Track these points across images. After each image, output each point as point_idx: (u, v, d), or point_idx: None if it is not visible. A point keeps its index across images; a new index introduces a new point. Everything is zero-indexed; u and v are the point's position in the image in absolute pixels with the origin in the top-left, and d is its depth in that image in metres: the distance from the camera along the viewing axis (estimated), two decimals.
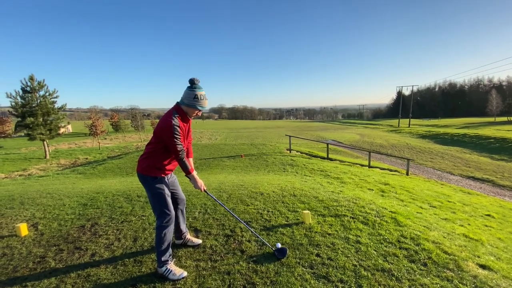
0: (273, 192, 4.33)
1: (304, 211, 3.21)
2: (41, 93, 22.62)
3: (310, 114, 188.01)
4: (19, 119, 22.60)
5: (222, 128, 60.02)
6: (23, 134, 26.55)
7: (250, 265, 2.28)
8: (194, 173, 2.26)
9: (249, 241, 2.68)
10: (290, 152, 12.79)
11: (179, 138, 2.05)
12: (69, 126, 45.67)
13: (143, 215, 3.38)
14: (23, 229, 3.05)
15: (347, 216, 3.30)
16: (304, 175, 7.46)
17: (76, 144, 30.93)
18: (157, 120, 66.67)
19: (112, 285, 2.05)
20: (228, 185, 4.99)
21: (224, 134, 40.34)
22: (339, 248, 2.53)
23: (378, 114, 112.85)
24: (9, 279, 2.20)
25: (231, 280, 2.09)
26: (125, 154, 16.13)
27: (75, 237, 2.87)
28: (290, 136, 14.11)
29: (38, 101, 22.17)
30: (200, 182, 2.29)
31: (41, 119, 22.10)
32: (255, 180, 5.67)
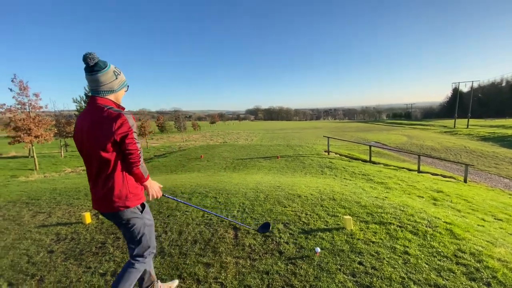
0: (311, 195, 4.24)
1: (345, 216, 3.08)
2: None
3: (350, 114, 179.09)
4: None
5: (258, 129, 60.68)
6: None
7: (288, 267, 2.27)
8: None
9: (287, 242, 2.67)
10: (328, 154, 12.37)
11: (139, 141, 1.57)
12: None
13: (186, 211, 3.59)
14: (87, 217, 3.48)
15: (393, 224, 3.07)
16: (344, 178, 7.14)
17: None
18: (198, 122, 70.11)
19: (161, 274, 2.23)
20: (265, 185, 5.04)
21: (260, 135, 40.72)
22: (384, 258, 2.37)
23: (429, 114, 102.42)
24: (76, 260, 2.54)
25: (270, 280, 2.11)
26: (169, 153, 17.32)
27: None
28: (328, 137, 13.66)
29: None
30: (158, 185, 1.80)
31: None
32: (292, 182, 5.62)
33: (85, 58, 1.47)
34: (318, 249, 2.46)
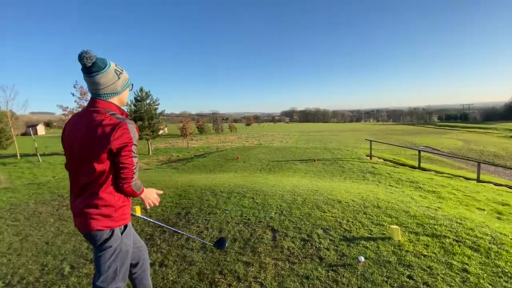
0: (353, 201, 4.04)
1: (393, 226, 2.87)
2: (147, 101, 27.83)
3: (395, 115, 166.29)
4: None
5: (293, 131, 59.96)
6: None
7: (329, 273, 2.19)
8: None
9: (327, 249, 2.58)
10: (370, 158, 11.66)
11: (137, 156, 1.40)
12: (166, 129, 54.49)
13: (226, 209, 3.71)
14: (138, 210, 3.79)
15: (448, 237, 2.77)
16: (389, 185, 6.66)
17: (170, 143, 36.56)
18: (234, 124, 72.06)
19: (203, 268, 2.33)
20: (302, 189, 4.95)
21: (295, 137, 40.17)
22: (438, 274, 2.15)
23: (491, 115, 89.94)
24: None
25: (310, 285, 2.06)
26: (208, 153, 18.07)
27: (174, 222, 3.40)
28: (370, 140, 12.89)
29: (145, 108, 27.35)
30: (154, 193, 1.73)
31: (146, 123, 27.18)
32: (331, 187, 5.43)
33: (81, 58, 1.27)
34: (362, 258, 2.33)
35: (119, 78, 1.40)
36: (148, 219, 2.44)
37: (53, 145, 30.87)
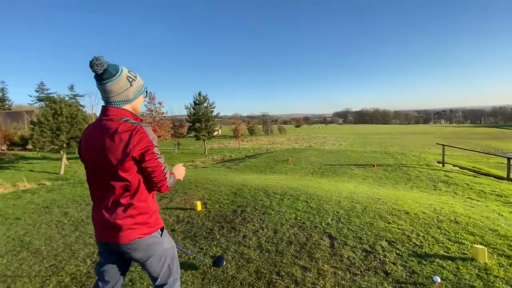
0: (423, 213, 3.58)
1: (477, 246, 2.44)
2: (205, 105, 29.93)
3: (474, 116, 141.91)
4: (191, 124, 30.97)
5: (347, 133, 56.65)
6: (192, 135, 35.96)
7: None
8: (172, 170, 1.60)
9: (394, 263, 2.34)
10: (443, 165, 10.20)
11: (161, 155, 1.37)
12: (220, 130, 57.72)
13: (279, 211, 3.71)
14: (199, 205, 4.10)
15: None
16: (469, 197, 5.71)
17: (223, 144, 38.57)
18: (283, 126, 72.09)
19: (260, 267, 2.37)
20: (361, 196, 4.62)
21: (350, 140, 37.85)
22: None
23: None
24: (192, 241, 3.02)
25: None
26: (258, 154, 18.43)
27: (230, 218, 3.56)
28: (443, 145, 11.28)
29: (203, 111, 29.47)
30: (180, 166, 1.64)
31: (203, 124, 29.25)
32: (395, 196, 4.93)
33: (92, 65, 1.24)
34: (438, 279, 2.04)
35: (131, 85, 1.34)
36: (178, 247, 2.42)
37: None
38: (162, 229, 1.44)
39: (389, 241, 2.77)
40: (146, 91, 1.49)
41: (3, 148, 28.12)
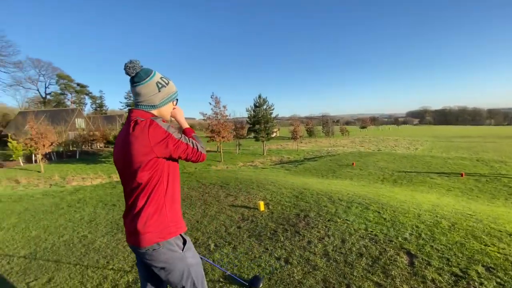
0: None
1: None
2: (264, 107, 30.61)
3: None
4: (251, 125, 32.10)
5: (424, 136, 49.51)
6: (251, 136, 37.19)
7: None
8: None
9: None
10: None
11: (182, 135, 1.34)
12: (278, 131, 58.10)
13: (346, 219, 3.48)
14: (262, 205, 4.20)
15: None
16: None
17: (281, 145, 38.64)
18: (346, 127, 67.43)
19: (327, 277, 2.27)
20: (447, 210, 3.96)
21: (428, 144, 32.97)
22: None
23: None
24: (257, 240, 3.10)
25: None
26: (318, 157, 17.82)
27: (294, 222, 3.53)
28: None
29: (262, 113, 30.19)
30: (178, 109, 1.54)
31: (263, 126, 29.94)
32: (493, 212, 4.06)
33: (125, 68, 1.27)
34: None
35: (159, 91, 1.32)
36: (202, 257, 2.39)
37: None
38: (184, 243, 1.34)
39: (487, 266, 2.28)
40: (177, 99, 1.45)
41: (101, 146, 34.81)
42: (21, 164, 21.79)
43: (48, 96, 52.30)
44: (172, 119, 1.54)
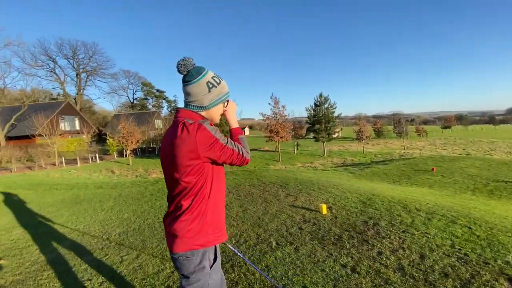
0: None
1: None
2: (325, 106, 29.35)
3: None
4: (310, 125, 31.22)
5: None
6: (311, 137, 36.16)
7: None
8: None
9: None
10: None
11: (228, 140, 1.28)
12: (340, 132, 54.90)
13: (426, 232, 3.03)
14: (324, 208, 4.03)
15: None
16: None
17: (343, 146, 36.39)
18: (424, 127, 58.77)
19: None
20: None
21: None
22: None
23: None
24: (320, 243, 2.99)
25: None
26: (389, 160, 16.08)
27: (361, 229, 3.26)
28: None
29: (323, 112, 29.02)
30: (233, 105, 1.46)
31: (323, 126, 28.77)
32: None
33: (177, 66, 1.25)
34: None
35: (209, 92, 1.27)
36: (235, 250, 2.26)
37: (254, 143, 40.56)
38: (215, 259, 1.32)
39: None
40: (227, 101, 1.39)
41: None
42: (115, 157, 26.44)
43: (135, 101, 62.11)
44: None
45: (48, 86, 47.23)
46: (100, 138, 37.20)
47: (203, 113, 1.30)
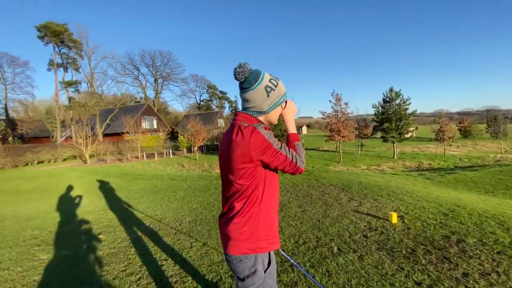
0: None
1: None
2: (397, 102, 26.28)
3: None
4: (377, 124, 28.42)
5: None
6: (378, 136, 32.98)
7: None
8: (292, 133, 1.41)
9: None
10: None
11: (282, 146, 1.24)
12: (415, 131, 48.33)
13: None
14: (394, 217, 3.64)
15: None
16: None
17: (419, 148, 31.92)
18: None
19: None
20: None
21: None
22: None
23: None
24: (388, 255, 2.71)
25: None
26: (480, 166, 13.43)
27: (441, 245, 2.83)
28: None
29: (394, 109, 26.05)
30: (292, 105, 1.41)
31: (394, 124, 25.83)
32: None
33: (234, 73, 1.24)
34: None
35: (268, 96, 1.25)
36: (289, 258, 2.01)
37: (312, 142, 39.35)
38: (269, 264, 1.32)
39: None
40: (286, 101, 1.37)
41: None
42: (185, 153, 29.47)
43: (201, 103, 67.90)
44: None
45: (133, 91, 56.02)
46: (172, 136, 42.10)
47: (261, 117, 1.30)
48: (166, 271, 2.75)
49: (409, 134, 29.98)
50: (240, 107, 1.40)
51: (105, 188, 8.77)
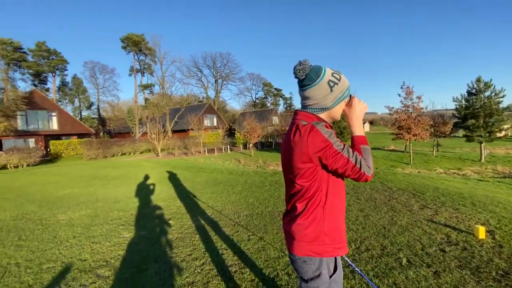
0: None
1: None
2: (486, 93, 21.88)
3: None
4: (459, 120, 24.18)
5: None
6: (460, 135, 28.16)
7: None
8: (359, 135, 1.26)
9: None
10: None
11: (344, 147, 1.14)
12: (510, 129, 39.39)
13: None
14: (481, 232, 3.06)
15: None
16: None
17: None
18: None
19: None
20: None
21: None
22: None
23: None
24: (473, 275, 2.30)
25: None
26: None
27: None
28: None
29: (482, 102, 21.77)
30: (362, 104, 1.28)
31: (481, 121, 21.62)
32: None
33: (294, 71, 1.20)
34: None
35: (331, 91, 1.18)
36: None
37: (376, 141, 36.04)
38: (335, 269, 1.27)
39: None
40: (350, 96, 1.27)
41: None
42: (241, 149, 30.72)
43: (256, 100, 69.49)
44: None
45: (197, 91, 61.09)
46: (230, 133, 44.40)
47: (322, 115, 1.24)
48: (226, 260, 2.92)
49: (503, 133, 24.55)
50: (298, 105, 1.39)
51: (174, 179, 9.82)
